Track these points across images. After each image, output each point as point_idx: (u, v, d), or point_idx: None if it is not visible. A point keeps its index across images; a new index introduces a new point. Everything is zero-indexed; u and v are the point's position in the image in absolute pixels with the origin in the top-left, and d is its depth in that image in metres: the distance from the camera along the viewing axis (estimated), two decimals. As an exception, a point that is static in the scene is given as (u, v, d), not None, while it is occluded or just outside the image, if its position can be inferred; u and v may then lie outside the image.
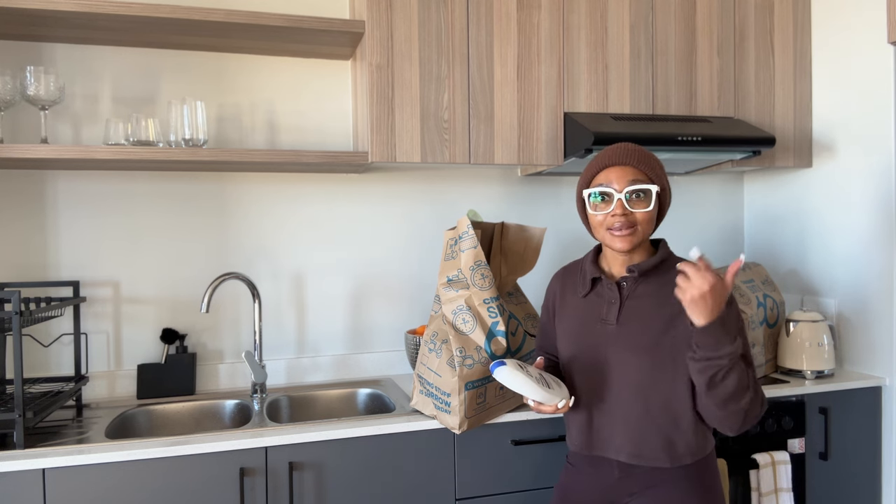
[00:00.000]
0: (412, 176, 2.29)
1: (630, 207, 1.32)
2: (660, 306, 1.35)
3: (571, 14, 2.06)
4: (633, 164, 1.33)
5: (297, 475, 1.61)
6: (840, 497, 2.07)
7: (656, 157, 1.41)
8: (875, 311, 2.12)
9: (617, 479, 1.39)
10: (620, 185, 1.32)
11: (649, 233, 1.35)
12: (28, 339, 1.95)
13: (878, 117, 2.10)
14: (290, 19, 1.84)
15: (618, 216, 1.32)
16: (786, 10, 2.30)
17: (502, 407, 1.74)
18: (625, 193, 1.31)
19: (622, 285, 1.39)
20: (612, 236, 1.34)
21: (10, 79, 1.75)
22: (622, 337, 1.35)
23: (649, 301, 1.36)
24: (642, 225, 1.33)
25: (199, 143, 1.88)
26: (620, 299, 1.38)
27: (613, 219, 1.33)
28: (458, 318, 1.69)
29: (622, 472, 1.38)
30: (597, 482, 1.42)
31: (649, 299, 1.36)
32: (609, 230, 1.34)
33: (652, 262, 1.36)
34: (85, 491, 1.48)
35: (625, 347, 1.35)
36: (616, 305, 1.37)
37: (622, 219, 1.32)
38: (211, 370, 2.08)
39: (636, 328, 1.34)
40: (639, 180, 1.32)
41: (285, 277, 2.17)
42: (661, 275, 1.38)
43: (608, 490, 1.41)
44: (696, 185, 2.61)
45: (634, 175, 1.33)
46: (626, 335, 1.35)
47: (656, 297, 1.36)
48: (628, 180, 1.32)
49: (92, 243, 2.00)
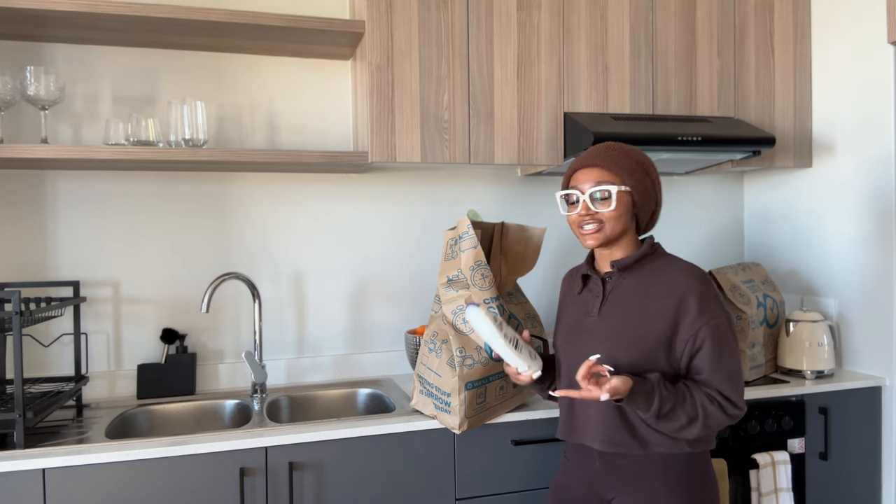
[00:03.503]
0: (412, 176, 2.29)
1: (594, 207, 1.39)
2: (637, 299, 1.40)
3: (571, 14, 2.06)
4: (600, 165, 1.40)
5: (297, 475, 1.61)
6: (840, 497, 2.08)
7: (635, 154, 1.42)
8: (875, 311, 2.12)
9: (600, 472, 1.43)
10: (585, 187, 1.40)
11: (618, 230, 1.40)
12: (28, 339, 1.95)
13: (878, 117, 2.10)
14: (290, 19, 1.84)
15: (584, 216, 1.40)
16: (786, 10, 2.30)
17: (502, 407, 1.74)
18: (588, 195, 1.39)
19: (606, 280, 1.46)
20: (582, 234, 1.43)
21: (10, 79, 1.75)
22: (601, 327, 1.42)
23: (629, 294, 1.41)
24: (609, 223, 1.39)
25: (199, 143, 1.88)
26: (603, 293, 1.44)
27: (581, 218, 1.41)
28: (458, 318, 1.69)
29: (602, 463, 1.42)
30: (584, 475, 1.47)
31: (629, 293, 1.41)
32: (579, 228, 1.43)
33: (631, 259, 1.42)
34: (85, 491, 1.48)
35: (601, 337, 1.41)
36: (599, 299, 1.44)
37: (587, 218, 1.40)
38: (211, 370, 2.08)
39: (614, 319, 1.41)
40: (603, 181, 1.39)
41: (285, 277, 2.17)
42: (643, 270, 1.43)
43: (594, 483, 1.44)
44: (696, 185, 2.61)
45: (599, 176, 1.39)
46: (604, 325, 1.41)
47: (636, 290, 1.41)
48: (593, 181, 1.39)
49: (92, 243, 2.00)
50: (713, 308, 1.35)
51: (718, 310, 1.36)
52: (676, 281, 1.37)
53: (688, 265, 1.41)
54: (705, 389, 1.33)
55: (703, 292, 1.36)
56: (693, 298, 1.35)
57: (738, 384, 1.34)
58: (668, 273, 1.39)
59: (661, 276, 1.39)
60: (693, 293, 1.35)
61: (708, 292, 1.37)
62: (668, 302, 1.36)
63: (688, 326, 1.34)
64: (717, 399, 1.32)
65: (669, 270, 1.40)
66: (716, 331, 1.34)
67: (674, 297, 1.36)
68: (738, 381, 1.34)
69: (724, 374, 1.33)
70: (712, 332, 1.34)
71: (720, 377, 1.33)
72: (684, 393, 1.32)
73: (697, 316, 1.34)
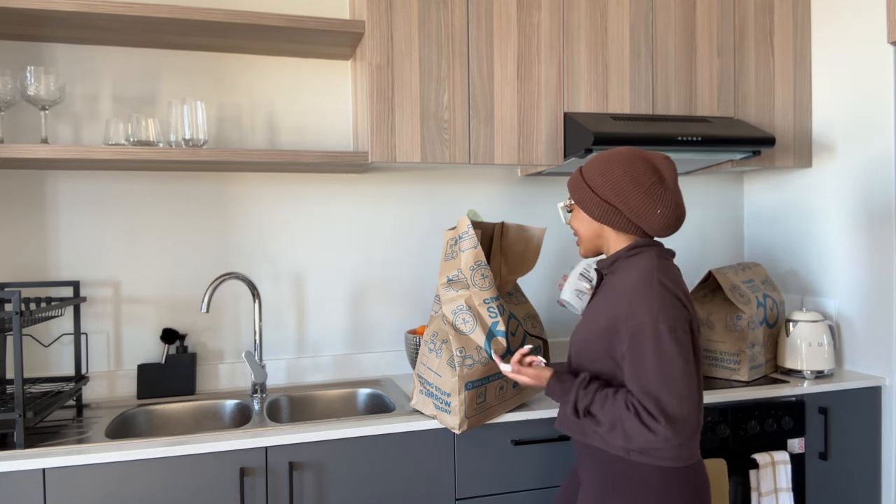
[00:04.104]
0: (412, 176, 2.29)
1: (568, 222, 1.55)
2: (606, 297, 1.43)
3: (571, 14, 2.06)
4: (569, 184, 1.50)
5: (297, 475, 1.61)
6: (840, 497, 2.08)
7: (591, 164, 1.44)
8: (875, 311, 2.12)
9: (579, 463, 1.50)
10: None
11: (589, 237, 1.48)
12: (28, 339, 1.95)
13: (878, 117, 2.10)
14: (290, 19, 1.84)
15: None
16: (786, 10, 2.30)
17: (502, 407, 1.74)
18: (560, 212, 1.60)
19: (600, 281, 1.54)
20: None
21: (10, 79, 1.75)
22: (583, 319, 1.48)
23: (605, 292, 1.45)
24: (582, 234, 1.49)
25: (200, 143, 1.88)
26: (595, 292, 1.52)
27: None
28: (458, 318, 1.69)
29: (579, 453, 1.49)
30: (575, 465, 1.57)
31: (605, 291, 1.46)
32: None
33: (607, 260, 1.48)
34: (85, 491, 1.48)
35: (580, 330, 1.47)
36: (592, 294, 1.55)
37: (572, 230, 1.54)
38: (211, 370, 2.08)
39: (588, 315, 1.46)
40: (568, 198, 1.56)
41: (285, 277, 2.17)
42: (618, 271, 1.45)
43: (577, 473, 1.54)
44: (696, 185, 2.61)
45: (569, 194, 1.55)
46: (584, 318, 1.48)
47: (608, 289, 1.44)
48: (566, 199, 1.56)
49: (92, 243, 2.00)
50: (641, 314, 1.29)
51: (646, 316, 1.29)
52: (624, 283, 1.37)
53: (641, 268, 1.37)
54: (627, 396, 1.29)
55: (637, 297, 1.32)
56: (628, 302, 1.33)
57: (660, 397, 1.25)
58: (625, 274, 1.39)
59: (620, 278, 1.40)
60: (629, 297, 1.33)
61: (642, 297, 1.31)
62: (615, 303, 1.37)
63: (622, 330, 1.33)
64: (635, 406, 1.27)
65: (628, 272, 1.39)
66: (637, 337, 1.29)
67: (618, 300, 1.36)
68: (661, 395, 1.25)
69: (640, 384, 1.27)
70: (633, 337, 1.29)
71: (636, 386, 1.28)
72: (606, 397, 1.31)
73: (626, 320, 1.32)
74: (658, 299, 1.30)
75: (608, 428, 1.32)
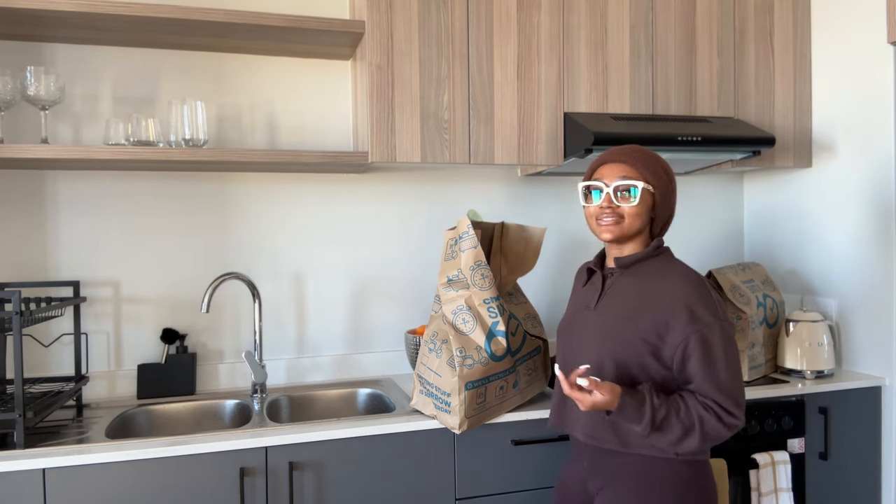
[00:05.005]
0: (412, 176, 2.29)
1: (616, 201, 1.41)
2: (632, 298, 1.40)
3: (571, 14, 2.06)
4: (627, 162, 1.42)
5: (297, 475, 1.61)
6: (840, 497, 2.08)
7: (660, 160, 1.45)
8: (875, 311, 2.12)
9: (588, 466, 1.45)
10: (610, 180, 1.42)
11: (636, 227, 1.42)
12: (28, 339, 1.95)
13: (878, 117, 2.10)
14: (290, 19, 1.84)
15: (604, 207, 1.42)
16: (786, 10, 2.30)
17: (502, 407, 1.74)
18: (612, 187, 1.41)
19: (607, 276, 1.48)
20: (599, 226, 1.44)
21: (10, 79, 1.75)
22: (594, 320, 1.43)
23: (625, 292, 1.42)
24: (628, 218, 1.41)
25: (199, 143, 1.88)
26: (602, 288, 1.47)
27: (601, 210, 1.43)
28: (458, 318, 1.69)
29: (589, 457, 1.44)
30: (578, 468, 1.50)
31: (626, 291, 1.42)
32: (597, 220, 1.44)
33: (634, 258, 1.43)
34: (85, 491, 1.48)
35: (593, 329, 1.42)
36: (597, 294, 1.46)
37: (608, 210, 1.41)
38: (211, 370, 2.08)
39: (608, 313, 1.42)
40: (628, 176, 1.41)
41: (285, 277, 2.17)
42: (644, 270, 1.43)
43: (585, 477, 1.48)
44: (696, 185, 2.61)
45: (625, 172, 1.41)
46: (598, 319, 1.43)
47: (633, 289, 1.41)
48: (618, 176, 1.41)
49: (92, 243, 2.00)
50: (707, 315, 1.32)
51: (712, 317, 1.32)
52: (672, 285, 1.36)
53: (686, 270, 1.39)
54: (700, 398, 1.30)
55: (697, 299, 1.33)
56: (685, 304, 1.33)
57: (734, 393, 1.31)
58: (665, 275, 1.39)
59: (658, 278, 1.39)
60: (686, 299, 1.33)
61: (702, 299, 1.34)
62: (660, 305, 1.35)
63: (679, 332, 1.32)
64: (713, 408, 1.29)
65: (667, 273, 1.39)
66: (707, 338, 1.31)
67: (666, 301, 1.35)
68: (734, 391, 1.31)
69: (717, 383, 1.30)
70: (703, 339, 1.31)
71: (713, 386, 1.30)
72: (678, 402, 1.30)
73: (688, 323, 1.32)
74: (715, 299, 1.36)
75: (680, 435, 1.29)
